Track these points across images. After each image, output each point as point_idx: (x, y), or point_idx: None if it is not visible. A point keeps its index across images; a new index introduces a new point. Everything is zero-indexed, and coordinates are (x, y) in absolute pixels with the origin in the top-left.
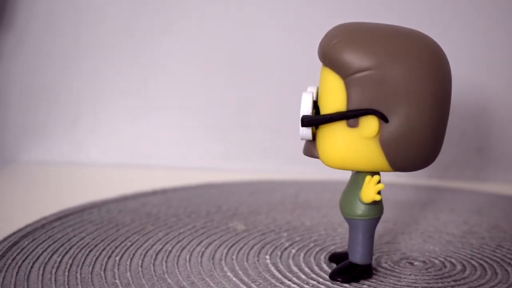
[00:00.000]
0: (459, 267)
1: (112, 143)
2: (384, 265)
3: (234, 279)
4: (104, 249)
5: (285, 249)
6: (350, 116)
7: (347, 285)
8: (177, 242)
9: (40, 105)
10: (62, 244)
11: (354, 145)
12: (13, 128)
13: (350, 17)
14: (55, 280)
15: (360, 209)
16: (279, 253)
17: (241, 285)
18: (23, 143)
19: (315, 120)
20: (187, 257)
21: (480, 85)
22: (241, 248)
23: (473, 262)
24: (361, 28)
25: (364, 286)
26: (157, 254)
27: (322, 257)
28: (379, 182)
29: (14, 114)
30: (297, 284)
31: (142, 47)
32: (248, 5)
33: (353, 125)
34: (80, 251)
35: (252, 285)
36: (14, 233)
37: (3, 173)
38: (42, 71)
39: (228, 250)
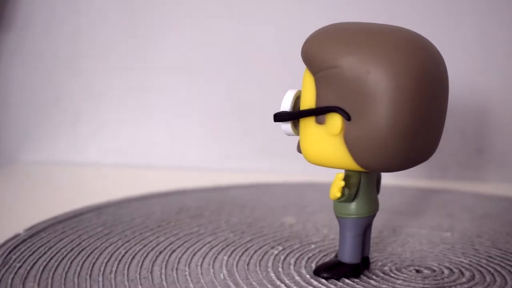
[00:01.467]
0: (467, 275)
1: (112, 143)
2: (385, 268)
3: (224, 261)
4: (134, 236)
5: (307, 244)
6: (314, 113)
7: (324, 281)
8: (213, 234)
9: (40, 105)
10: (105, 226)
11: (323, 142)
12: (13, 128)
13: (351, 17)
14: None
15: (346, 208)
16: (296, 247)
17: (223, 270)
18: (23, 143)
19: (284, 116)
20: (210, 239)
21: (479, 85)
22: (266, 240)
23: (485, 273)
24: (342, 27)
25: (340, 283)
26: (178, 239)
27: (332, 255)
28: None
29: (14, 114)
30: (275, 273)
31: (142, 48)
32: (249, 5)
33: (321, 122)
34: (115, 235)
35: (234, 268)
36: (54, 217)
37: (3, 173)
38: (42, 71)
39: (251, 239)
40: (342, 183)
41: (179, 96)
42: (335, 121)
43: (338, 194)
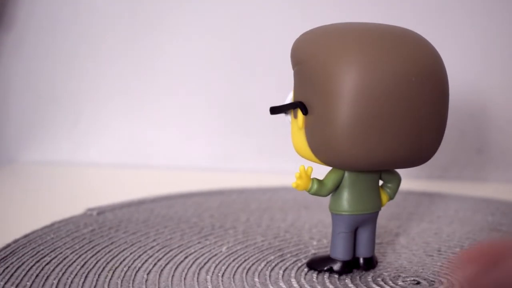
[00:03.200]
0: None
1: (112, 143)
2: (385, 274)
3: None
4: (144, 233)
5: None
6: (284, 108)
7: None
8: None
9: (40, 105)
10: (102, 230)
11: (297, 135)
12: (13, 128)
13: (353, 18)
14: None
15: (333, 203)
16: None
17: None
18: (23, 143)
19: (274, 110)
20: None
21: (479, 85)
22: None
23: None
24: (327, 27)
25: (309, 272)
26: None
27: None
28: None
29: (14, 114)
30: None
31: (142, 47)
32: (249, 5)
33: (295, 117)
34: (130, 234)
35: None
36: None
37: (3, 173)
38: (42, 71)
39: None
40: (297, 175)
41: (179, 96)
42: (299, 115)
43: (293, 185)
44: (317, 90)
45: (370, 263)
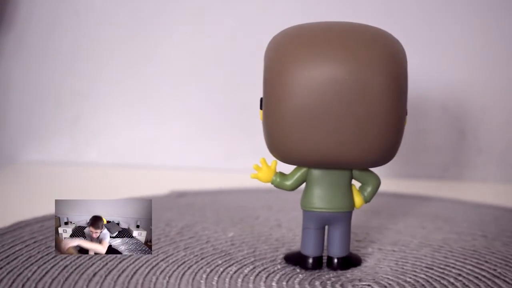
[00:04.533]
0: None
1: (112, 143)
2: (344, 279)
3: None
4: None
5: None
6: (260, 102)
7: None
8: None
9: (40, 105)
10: None
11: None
12: (13, 128)
13: (352, 17)
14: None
15: (301, 199)
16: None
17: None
18: (23, 143)
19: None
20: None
21: (479, 85)
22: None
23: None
24: (295, 27)
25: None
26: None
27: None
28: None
29: (14, 114)
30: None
31: (142, 48)
32: (248, 6)
33: None
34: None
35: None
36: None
37: (3, 173)
38: (42, 71)
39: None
40: (255, 166)
41: (179, 96)
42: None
43: (252, 176)
44: (265, 86)
45: (344, 263)
